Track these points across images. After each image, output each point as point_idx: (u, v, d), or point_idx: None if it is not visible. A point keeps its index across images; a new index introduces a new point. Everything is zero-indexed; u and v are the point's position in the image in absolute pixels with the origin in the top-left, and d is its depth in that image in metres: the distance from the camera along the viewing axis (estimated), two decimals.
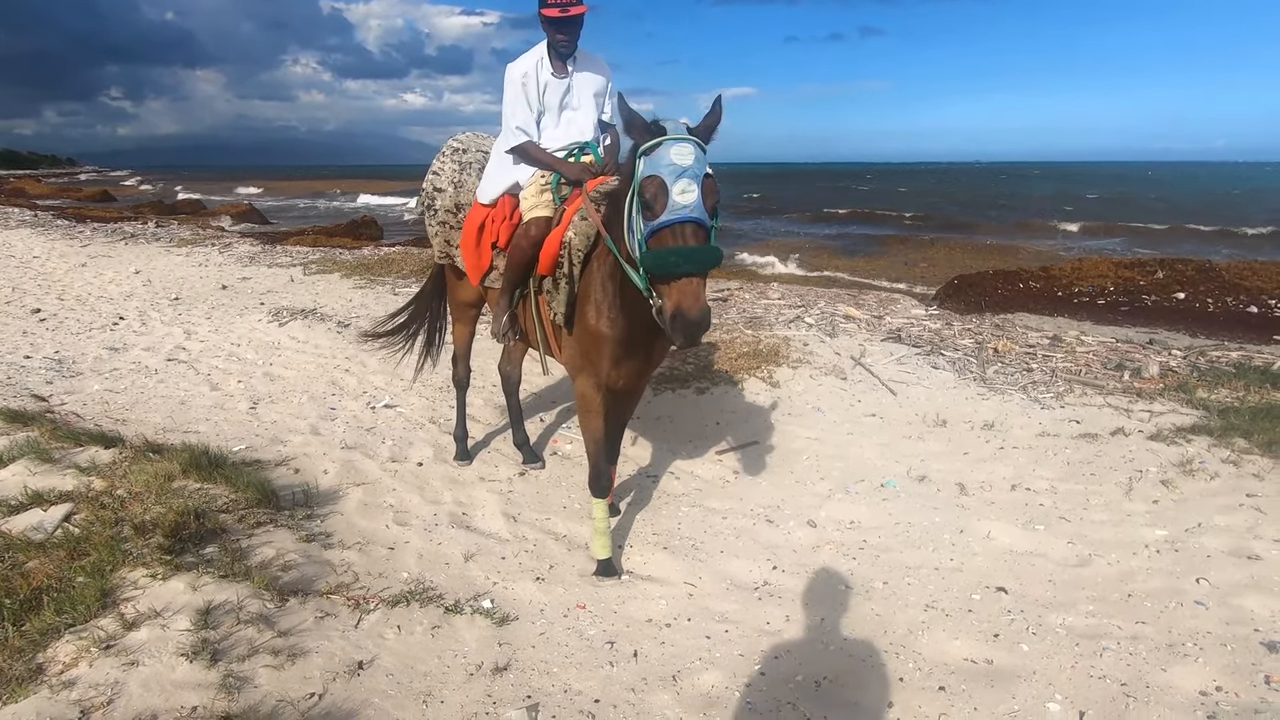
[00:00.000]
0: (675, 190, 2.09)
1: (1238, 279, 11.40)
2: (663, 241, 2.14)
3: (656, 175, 2.13)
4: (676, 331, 2.12)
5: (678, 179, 2.10)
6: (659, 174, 2.12)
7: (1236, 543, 3.23)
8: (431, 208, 3.43)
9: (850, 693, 2.37)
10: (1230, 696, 2.33)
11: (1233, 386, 5.18)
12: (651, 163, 2.15)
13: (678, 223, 2.11)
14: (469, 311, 3.71)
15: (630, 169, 2.27)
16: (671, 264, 2.10)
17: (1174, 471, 3.89)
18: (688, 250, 2.10)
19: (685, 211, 2.10)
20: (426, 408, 4.90)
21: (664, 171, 2.11)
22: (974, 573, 3.04)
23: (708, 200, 2.14)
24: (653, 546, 3.23)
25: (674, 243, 2.12)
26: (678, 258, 2.09)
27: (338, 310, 7.83)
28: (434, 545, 3.17)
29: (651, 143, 2.17)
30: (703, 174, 2.13)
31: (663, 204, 2.12)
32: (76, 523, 2.81)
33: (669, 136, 2.16)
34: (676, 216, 2.11)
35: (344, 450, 4.12)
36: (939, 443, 4.39)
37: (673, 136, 2.16)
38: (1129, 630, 2.66)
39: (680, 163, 2.11)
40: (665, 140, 2.15)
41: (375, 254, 12.02)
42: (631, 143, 2.29)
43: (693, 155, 2.12)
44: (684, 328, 2.10)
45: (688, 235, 2.12)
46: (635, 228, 2.23)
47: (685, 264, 2.09)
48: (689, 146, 2.14)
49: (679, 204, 2.10)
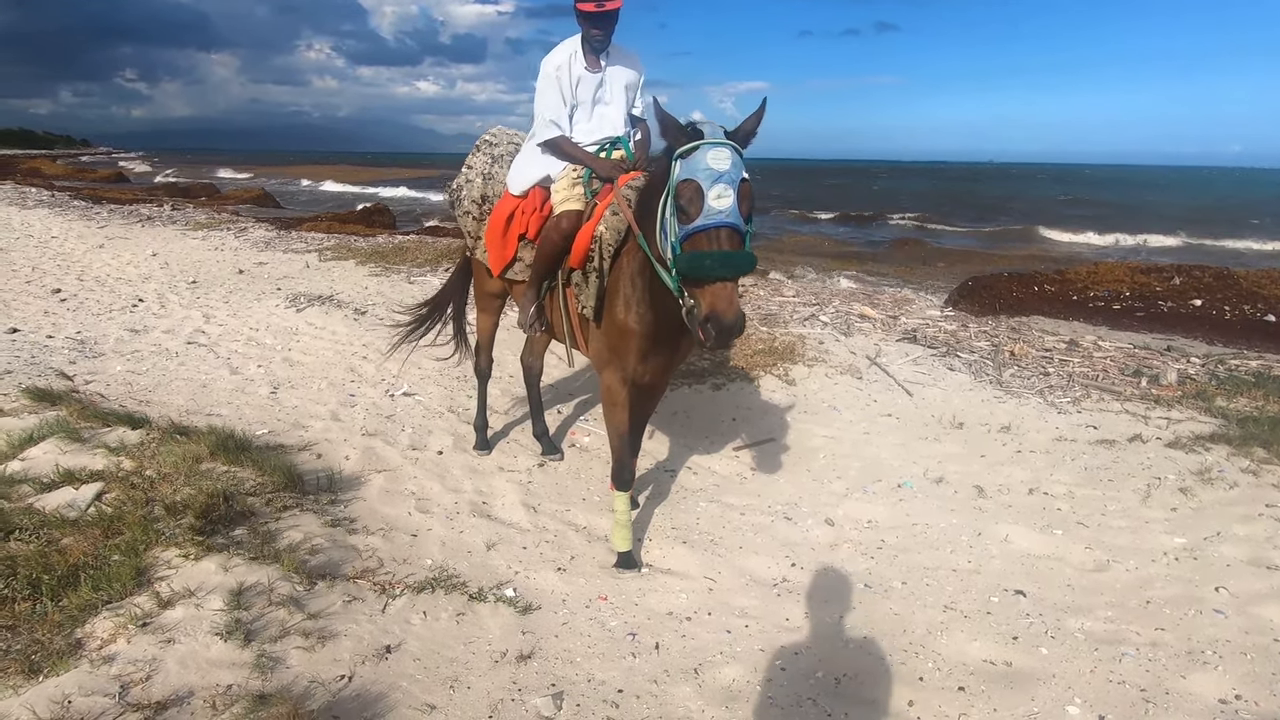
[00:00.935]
0: (711, 195, 2.10)
1: (1256, 287, 11.29)
2: (697, 245, 2.15)
3: (693, 179, 2.13)
4: (709, 335, 2.14)
5: (714, 184, 2.10)
6: (695, 178, 2.12)
7: (1256, 552, 3.23)
8: (458, 199, 3.46)
9: (869, 690, 2.39)
10: (1250, 705, 2.34)
11: (1252, 396, 5.16)
12: (688, 166, 2.15)
13: (713, 227, 2.12)
14: (494, 302, 3.73)
15: (665, 171, 2.28)
16: (706, 268, 2.11)
17: (1192, 480, 3.89)
18: (722, 255, 2.11)
19: (720, 216, 2.11)
20: (445, 396, 4.94)
21: (700, 176, 2.12)
22: (992, 575, 3.06)
23: (743, 205, 2.15)
24: (672, 541, 3.25)
25: (709, 247, 2.12)
26: (712, 262, 2.10)
27: (354, 297, 7.88)
28: (456, 533, 3.20)
29: (688, 146, 2.17)
30: (739, 179, 2.14)
31: (698, 208, 2.12)
32: (108, 502, 2.85)
33: (706, 141, 2.16)
34: (712, 221, 2.11)
35: (365, 437, 4.16)
36: (956, 445, 4.39)
37: (710, 141, 2.15)
38: (1148, 636, 2.67)
39: (717, 167, 2.11)
40: (702, 144, 2.15)
41: (390, 242, 12.06)
42: (666, 144, 2.29)
43: (729, 160, 2.12)
44: (717, 332, 2.12)
45: (722, 240, 2.13)
46: (669, 230, 2.24)
47: (719, 268, 2.10)
48: (726, 151, 2.14)
49: (714, 209, 2.10)
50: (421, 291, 8.24)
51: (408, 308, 4.45)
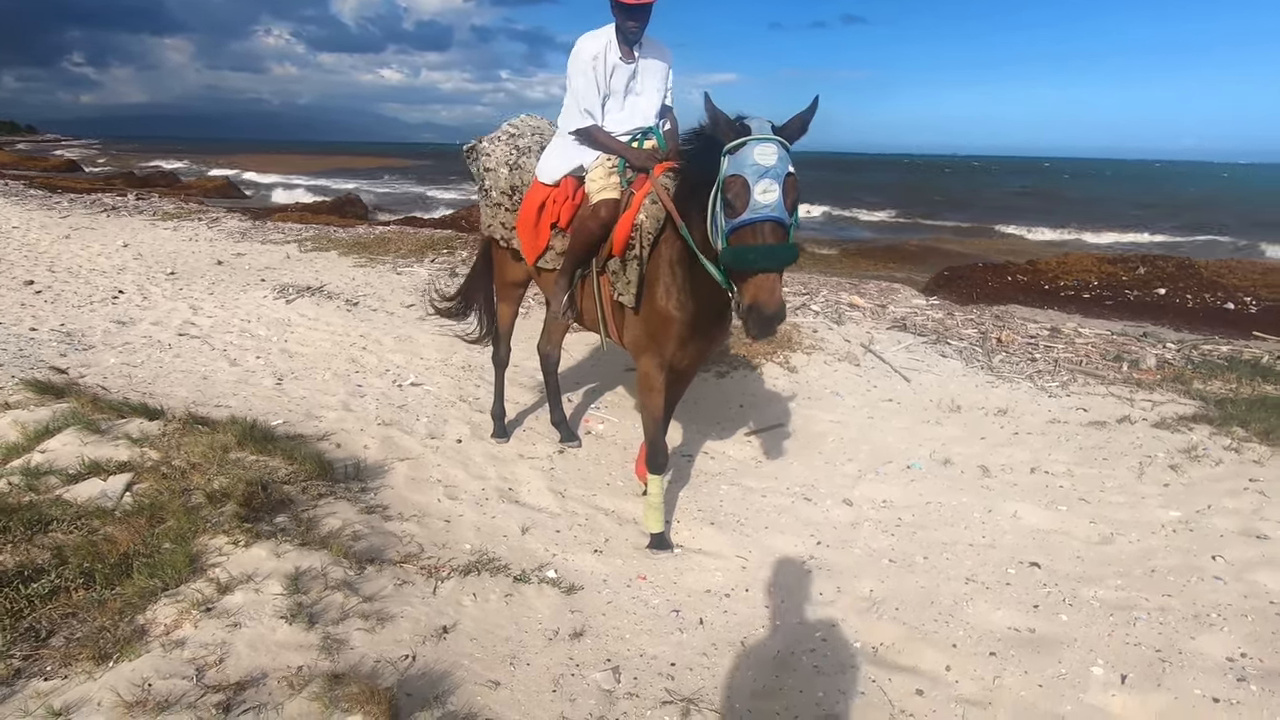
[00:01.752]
0: (757, 190, 2.17)
1: (1216, 276, 11.83)
2: (743, 239, 2.22)
3: (740, 175, 2.20)
4: (752, 324, 2.23)
5: (760, 179, 2.17)
6: (742, 174, 2.19)
7: (1245, 524, 3.44)
8: (484, 189, 3.47)
9: (907, 657, 2.51)
10: (1255, 662, 2.52)
11: (1226, 379, 5.44)
12: (736, 162, 2.22)
13: (758, 221, 2.19)
14: (515, 291, 3.76)
15: (713, 165, 2.34)
16: (749, 260, 2.20)
17: (1180, 457, 4.11)
18: (765, 248, 2.19)
19: (766, 211, 2.18)
20: (454, 386, 4.94)
21: (747, 171, 2.18)
22: (1006, 549, 3.21)
23: (788, 198, 2.22)
24: (699, 522, 3.34)
25: (753, 240, 2.20)
26: (755, 255, 2.19)
27: (343, 288, 7.79)
28: (488, 519, 3.25)
29: (736, 142, 2.23)
30: (785, 173, 2.21)
31: (744, 203, 2.19)
32: (142, 492, 2.83)
33: (754, 137, 2.22)
34: (757, 215, 2.19)
35: (381, 427, 4.16)
36: (956, 427, 4.56)
37: (757, 137, 2.22)
38: (1156, 602, 2.84)
39: (763, 163, 2.18)
40: (750, 141, 2.22)
41: (371, 233, 11.91)
42: (715, 139, 2.34)
43: (776, 155, 2.19)
44: (759, 321, 2.21)
45: (766, 233, 2.20)
46: (718, 223, 2.31)
47: (763, 260, 2.19)
48: (773, 146, 2.21)
49: (760, 203, 2.18)
50: (411, 283, 8.19)
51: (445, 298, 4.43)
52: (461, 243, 10.70)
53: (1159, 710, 2.30)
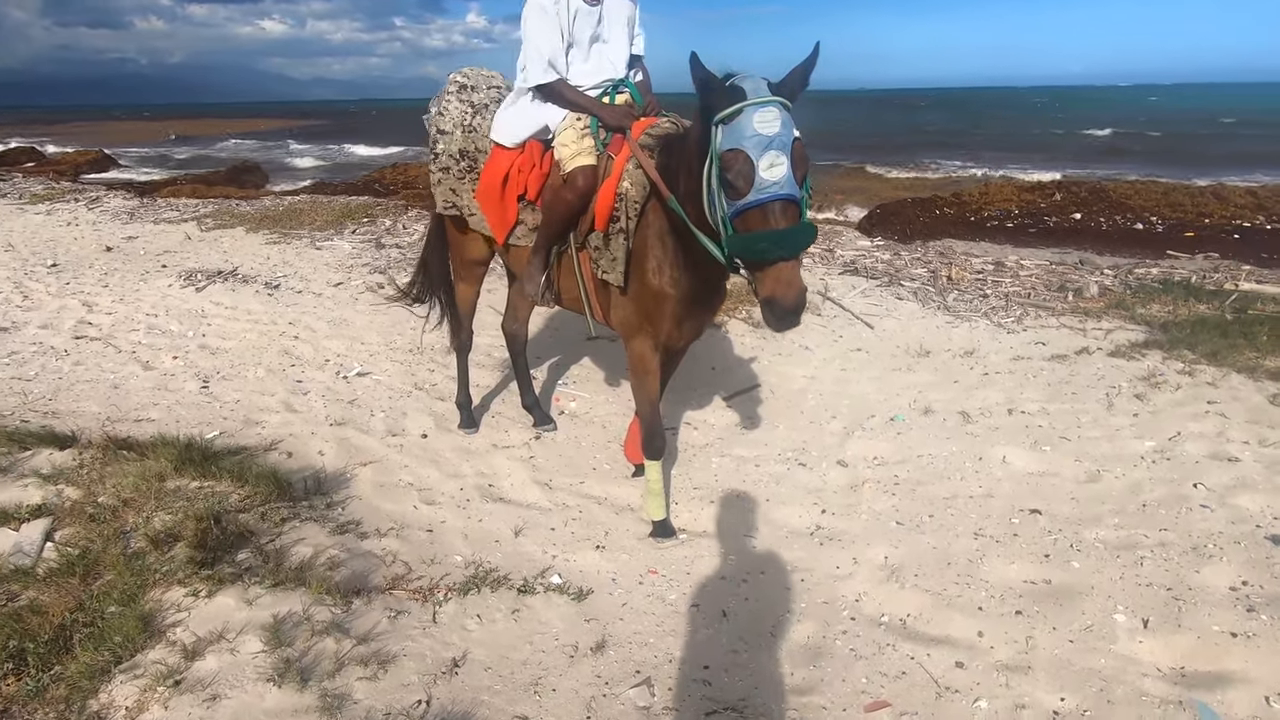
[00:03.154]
0: (762, 165, 1.87)
1: (1124, 199, 12.36)
2: (750, 222, 1.94)
3: (739, 149, 1.89)
4: (772, 318, 1.97)
5: (765, 151, 1.87)
6: (742, 147, 1.89)
7: (1214, 447, 3.56)
8: (433, 152, 3.07)
9: (937, 626, 2.45)
10: (1257, 589, 2.59)
11: (1162, 302, 5.66)
12: (732, 133, 1.90)
13: (767, 201, 1.90)
14: (475, 270, 3.40)
15: (703, 135, 2.04)
16: (762, 250, 1.91)
17: (1142, 385, 4.22)
18: (779, 234, 1.90)
19: (775, 189, 1.89)
20: (405, 373, 4.56)
21: (748, 144, 1.88)
22: (1004, 498, 3.20)
23: (798, 170, 1.92)
24: (699, 501, 3.18)
25: (764, 223, 1.92)
26: (768, 244, 1.90)
27: (259, 270, 7.11)
28: (475, 523, 2.99)
29: (731, 109, 1.92)
30: (791, 140, 1.91)
31: (748, 181, 1.89)
32: (65, 541, 2.42)
33: (750, 101, 1.90)
34: (766, 195, 1.89)
35: (333, 427, 3.78)
36: (928, 373, 4.55)
37: (754, 101, 1.90)
38: (1155, 538, 2.89)
39: (765, 131, 1.87)
40: (745, 106, 1.90)
41: (279, 204, 10.96)
42: (703, 105, 2.02)
43: (779, 120, 1.89)
44: (780, 316, 1.95)
45: (778, 214, 1.91)
46: (716, 204, 2.01)
47: (778, 248, 1.90)
48: (774, 110, 1.90)
49: (767, 180, 1.88)
50: (334, 258, 7.57)
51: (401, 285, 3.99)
52: (382, 210, 10.00)
53: (1184, 652, 2.32)
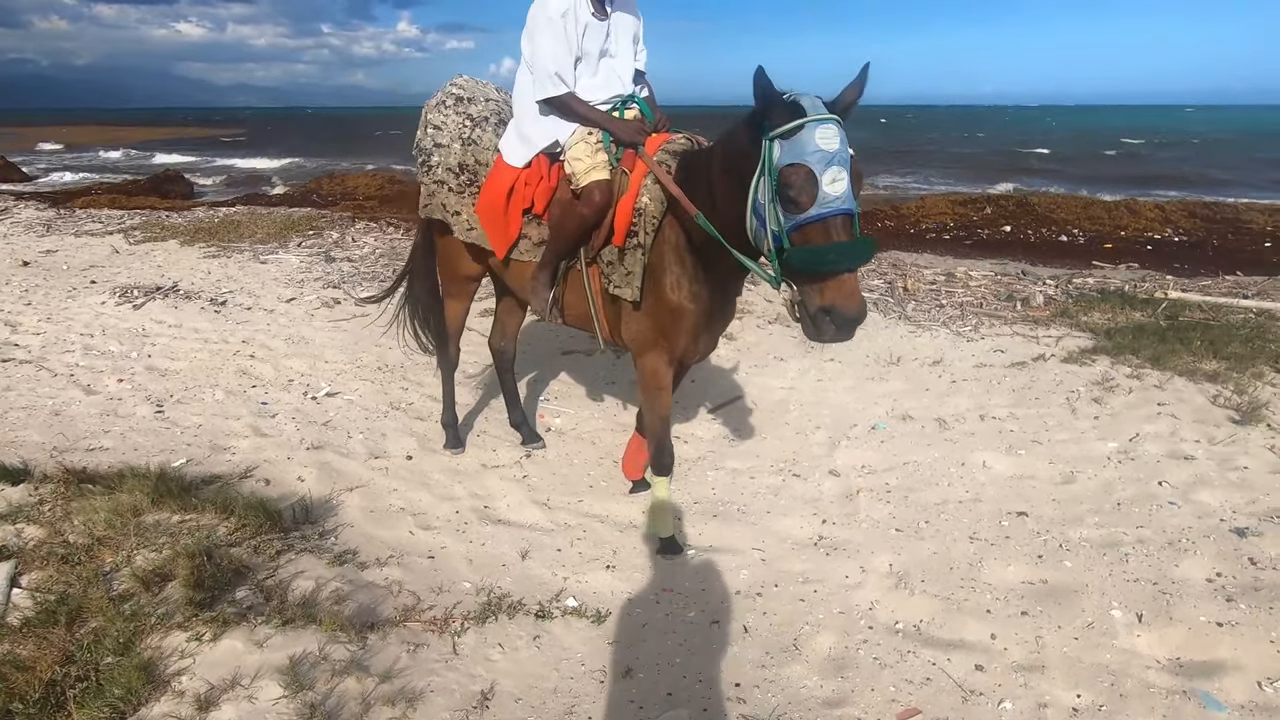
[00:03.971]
0: (825, 180, 1.91)
1: (1047, 212, 13.14)
2: (810, 236, 1.97)
3: (802, 164, 1.93)
4: (830, 328, 2.01)
5: (828, 167, 1.91)
6: (805, 162, 1.92)
7: (1170, 447, 3.80)
8: (428, 165, 2.97)
9: (951, 630, 2.51)
10: (1231, 580, 2.77)
11: (1102, 310, 6.02)
12: (793, 149, 1.94)
13: (830, 216, 1.95)
14: (467, 286, 3.30)
15: (749, 149, 2.07)
16: (831, 262, 1.95)
17: (1098, 390, 4.47)
18: (846, 246, 1.95)
19: (837, 204, 1.93)
20: (378, 392, 4.39)
21: (811, 159, 1.92)
22: (991, 501, 3.32)
23: (856, 186, 1.99)
24: (702, 515, 3.18)
25: (825, 238, 1.96)
26: (838, 255, 1.94)
27: (201, 285, 6.74)
28: (478, 547, 2.89)
29: (791, 125, 1.96)
30: (849, 157, 1.97)
31: (811, 196, 1.93)
32: (39, 587, 2.21)
33: (811, 118, 1.95)
34: (829, 209, 1.93)
35: (310, 451, 3.59)
36: (900, 381, 4.69)
37: (816, 117, 1.95)
38: (1134, 535, 3.05)
39: (827, 148, 1.92)
40: (808, 122, 1.94)
41: (213, 216, 10.44)
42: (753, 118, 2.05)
43: (838, 137, 1.94)
44: (841, 325, 2.00)
45: (839, 229, 1.96)
46: (768, 219, 2.04)
47: (846, 260, 1.95)
48: (833, 128, 1.95)
49: (830, 195, 1.92)
50: (282, 272, 7.26)
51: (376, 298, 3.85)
52: (327, 221, 9.66)
53: (1178, 643, 2.45)
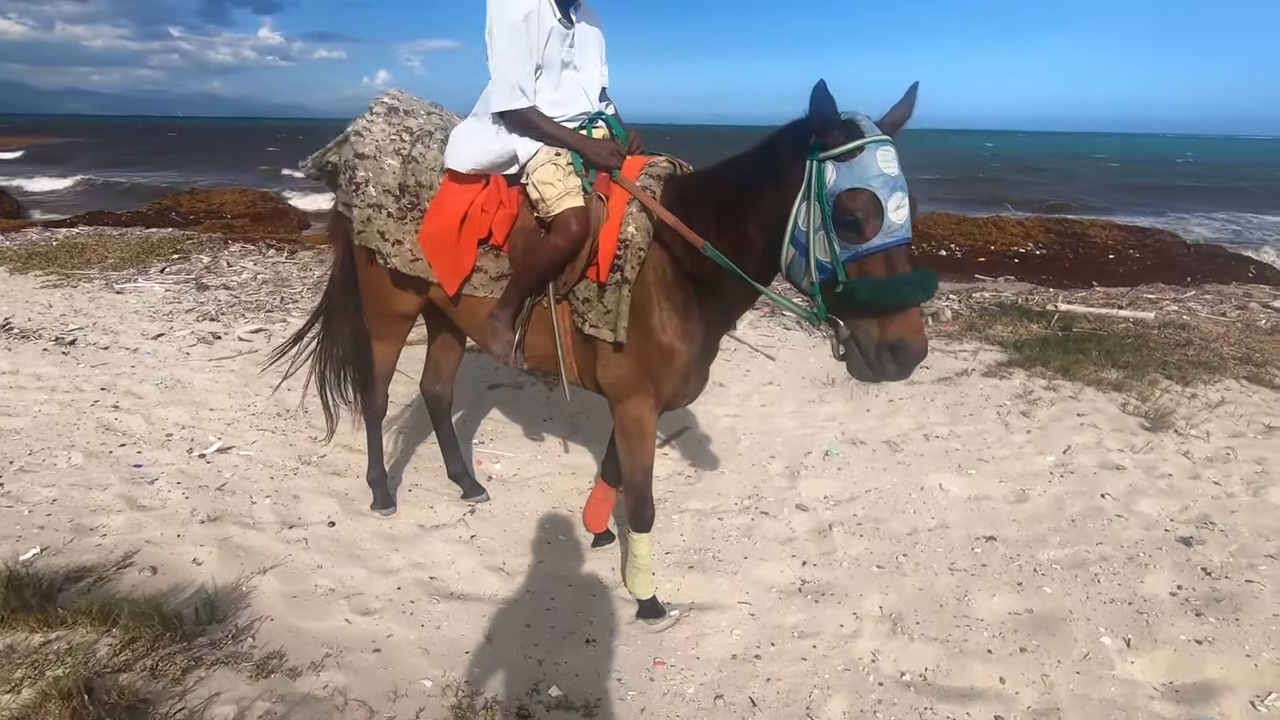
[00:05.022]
0: (890, 207, 1.74)
1: (926, 229, 14.01)
2: (870, 268, 1.79)
3: (865, 189, 1.74)
4: (894, 367, 1.85)
5: (892, 193, 1.75)
6: (868, 187, 1.74)
7: (1100, 457, 3.96)
8: (354, 183, 2.52)
9: (959, 677, 2.39)
10: (1193, 592, 2.84)
11: (1004, 323, 6.35)
12: (853, 172, 1.75)
13: (894, 245, 1.78)
14: (400, 326, 2.87)
15: (791, 170, 1.86)
16: (906, 295, 1.78)
17: (1023, 403, 4.64)
18: (919, 278, 1.79)
19: (902, 233, 1.77)
20: (282, 444, 3.81)
21: (874, 184, 1.74)
22: (958, 527, 3.28)
23: (913, 214, 1.82)
24: (677, 568, 2.92)
25: (887, 269, 1.79)
26: (912, 287, 1.77)
27: (42, 322, 5.74)
28: (432, 631, 2.48)
29: (850, 146, 1.77)
30: (906, 182, 1.80)
31: (876, 225, 1.75)
32: None
33: (871, 139, 1.77)
34: (895, 239, 1.77)
35: (207, 525, 3.01)
36: (840, 403, 4.66)
37: (876, 139, 1.77)
38: (1096, 552, 3.09)
39: (889, 172, 1.75)
40: (869, 144, 1.76)
41: (50, 237, 9.07)
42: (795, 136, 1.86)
43: (897, 162, 1.78)
44: (906, 364, 1.84)
45: (903, 259, 1.81)
46: (813, 248, 1.84)
47: (921, 294, 1.79)
48: (892, 150, 1.78)
49: (895, 224, 1.75)
50: (144, 304, 6.35)
51: (284, 348, 3.27)
52: (194, 244, 8.62)
53: (1167, 666, 2.46)
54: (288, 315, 6.11)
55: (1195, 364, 5.24)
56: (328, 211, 16.37)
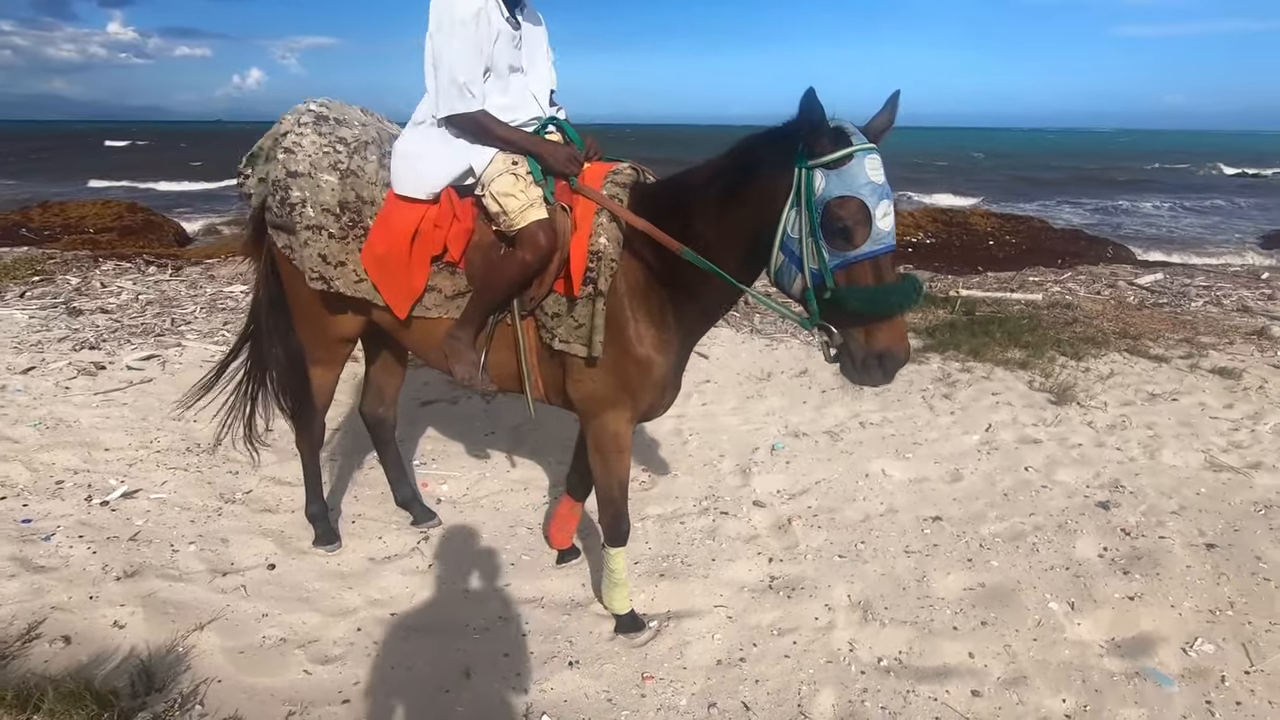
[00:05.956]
0: (878, 215, 1.77)
1: None
2: (858, 275, 1.81)
3: (854, 197, 1.76)
4: (880, 373, 1.88)
5: (880, 201, 1.77)
6: (857, 195, 1.75)
7: (1019, 433, 4.26)
8: (288, 204, 2.30)
9: (930, 658, 2.49)
10: (1114, 552, 3.10)
11: (913, 310, 6.71)
12: (842, 180, 1.76)
13: (882, 253, 1.81)
14: (340, 350, 2.65)
15: (780, 177, 1.85)
16: (893, 303, 1.80)
17: (943, 386, 4.91)
18: (905, 286, 1.82)
19: (889, 240, 1.80)
20: (197, 484, 3.47)
21: (863, 192, 1.76)
22: (906, 510, 3.43)
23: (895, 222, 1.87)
24: (648, 577, 2.88)
25: (874, 277, 1.81)
26: (899, 297, 1.80)
27: None
28: (404, 673, 2.32)
29: (840, 154, 1.77)
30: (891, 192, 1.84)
31: (865, 233, 1.77)
32: None
33: (859, 147, 1.78)
34: (882, 246, 1.79)
35: (124, 582, 2.69)
36: (777, 397, 4.77)
37: (864, 147, 1.79)
38: (1030, 523, 3.32)
39: (877, 180, 1.77)
40: (856, 152, 1.77)
41: None
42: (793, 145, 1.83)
43: (882, 169, 1.80)
44: (890, 370, 1.88)
45: (888, 267, 1.83)
46: (805, 255, 1.84)
47: (906, 302, 1.82)
48: (879, 159, 1.80)
49: (882, 231, 1.78)
50: (5, 333, 5.63)
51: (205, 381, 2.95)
52: (59, 264, 7.74)
53: (1109, 624, 2.67)
54: (183, 339, 5.59)
55: (1084, 340, 5.75)
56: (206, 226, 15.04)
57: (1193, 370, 5.20)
